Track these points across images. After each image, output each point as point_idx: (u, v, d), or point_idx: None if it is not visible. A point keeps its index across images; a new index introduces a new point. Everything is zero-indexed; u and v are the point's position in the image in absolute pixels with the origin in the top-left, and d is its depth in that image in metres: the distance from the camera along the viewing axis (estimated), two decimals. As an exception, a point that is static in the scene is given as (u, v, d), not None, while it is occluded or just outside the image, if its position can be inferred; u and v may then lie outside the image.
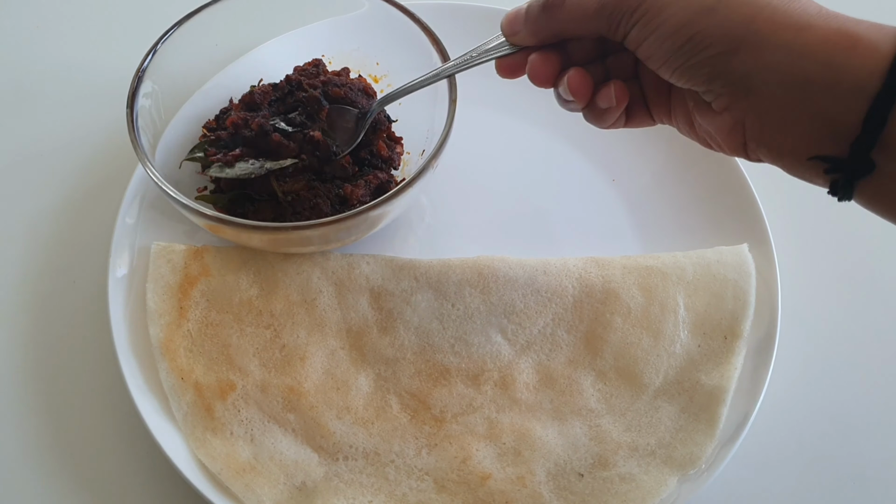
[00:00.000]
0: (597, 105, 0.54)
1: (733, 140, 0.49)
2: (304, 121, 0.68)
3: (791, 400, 0.66)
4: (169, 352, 0.63)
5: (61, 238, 0.74)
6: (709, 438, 0.60)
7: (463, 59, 0.58)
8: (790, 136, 0.45)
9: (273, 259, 0.67)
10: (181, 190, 0.62)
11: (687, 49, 0.46)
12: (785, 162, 0.47)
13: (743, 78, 0.45)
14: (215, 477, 0.59)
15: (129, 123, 0.63)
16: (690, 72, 0.47)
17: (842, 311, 0.71)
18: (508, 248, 0.70)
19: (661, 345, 0.64)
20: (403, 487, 0.60)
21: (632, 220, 0.73)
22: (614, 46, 0.53)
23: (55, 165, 0.78)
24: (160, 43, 0.66)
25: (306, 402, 0.62)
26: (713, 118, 0.50)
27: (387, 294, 0.66)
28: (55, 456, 0.63)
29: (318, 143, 0.66)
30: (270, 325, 0.65)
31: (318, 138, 0.66)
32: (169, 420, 0.61)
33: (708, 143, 0.53)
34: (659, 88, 0.54)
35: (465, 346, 0.65)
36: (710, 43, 0.45)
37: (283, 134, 0.66)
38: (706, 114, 0.50)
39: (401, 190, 0.61)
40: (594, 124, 0.56)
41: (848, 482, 0.63)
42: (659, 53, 0.48)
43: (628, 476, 0.59)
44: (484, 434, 0.62)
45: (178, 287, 0.66)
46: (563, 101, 0.56)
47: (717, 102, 0.48)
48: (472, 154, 0.75)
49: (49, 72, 0.85)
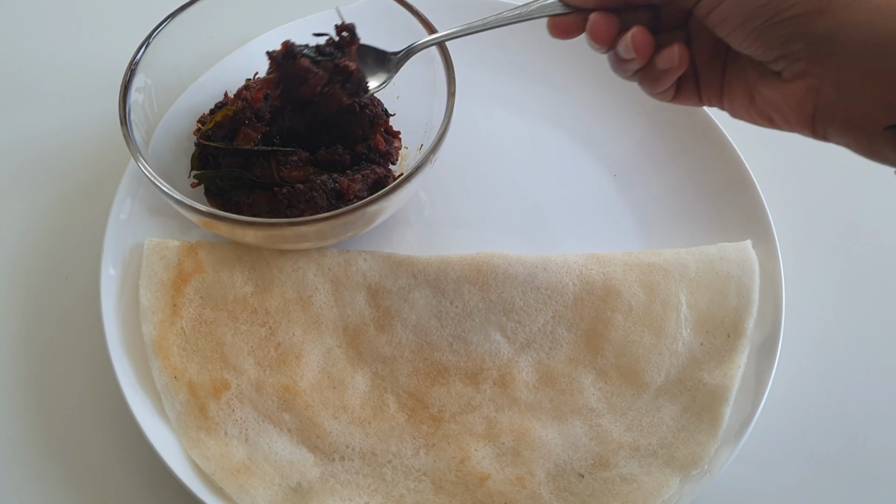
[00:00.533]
0: (656, 66, 0.53)
1: (802, 111, 0.48)
2: (334, 51, 0.64)
3: (795, 399, 0.65)
4: (162, 350, 0.62)
5: (53, 234, 0.73)
6: (711, 438, 0.59)
7: (513, 13, 0.57)
8: (868, 104, 0.44)
9: (268, 255, 0.66)
10: (174, 185, 0.61)
11: (770, 8, 0.45)
12: (857, 134, 0.46)
13: (826, 39, 0.44)
14: (209, 478, 0.58)
15: (121, 118, 0.62)
16: (768, 33, 0.46)
17: (846, 309, 0.70)
18: (508, 244, 0.69)
19: (662, 343, 0.63)
20: (401, 488, 0.59)
21: (633, 216, 0.72)
22: (669, 23, 0.53)
23: (47, 160, 0.77)
24: (153, 35, 0.65)
25: (302, 402, 0.61)
26: (782, 88, 0.48)
27: (384, 291, 0.65)
28: (46, 456, 0.63)
29: (349, 73, 0.63)
30: (265, 323, 0.64)
31: (352, 69, 0.63)
32: (162, 420, 0.60)
33: (770, 120, 0.52)
34: (713, 67, 0.53)
35: (464, 345, 0.64)
36: (797, 1, 0.44)
37: (311, 60, 0.63)
38: (773, 84, 0.49)
39: (399, 185, 0.60)
40: (646, 87, 0.55)
41: (853, 482, 0.62)
42: (736, 14, 0.47)
43: (629, 477, 0.58)
44: (483, 434, 0.61)
45: (172, 284, 0.65)
46: (620, 61, 0.54)
47: (790, 69, 0.47)
48: (471, 149, 0.74)
49: (40, 65, 0.84)
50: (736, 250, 0.67)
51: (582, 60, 0.75)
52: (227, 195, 0.66)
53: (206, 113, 0.71)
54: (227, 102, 0.70)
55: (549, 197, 0.73)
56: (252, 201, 0.65)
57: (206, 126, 0.68)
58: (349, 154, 0.68)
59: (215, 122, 0.68)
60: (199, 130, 0.69)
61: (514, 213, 0.72)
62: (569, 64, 0.77)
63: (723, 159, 0.71)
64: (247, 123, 0.66)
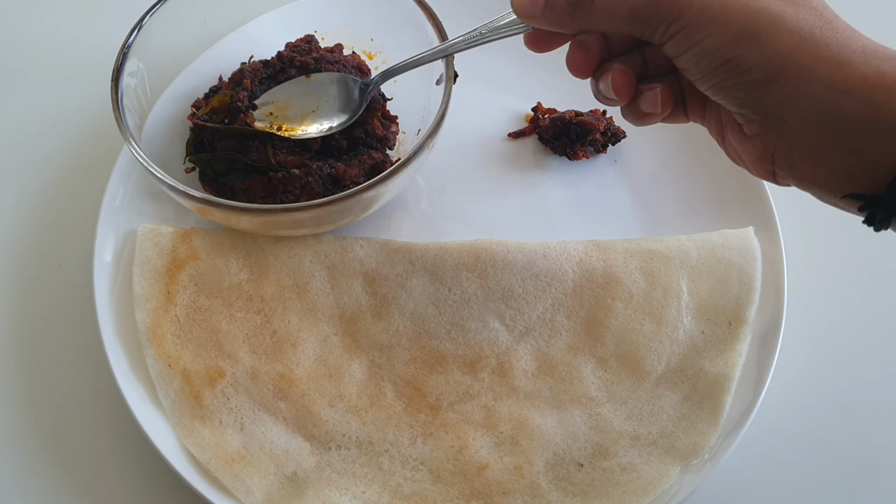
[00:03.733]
0: (639, 108, 0.53)
1: (762, 166, 0.49)
2: None
3: (797, 388, 0.64)
4: (156, 338, 0.61)
5: (46, 220, 0.72)
6: (712, 427, 0.59)
7: (472, 35, 0.56)
8: (823, 170, 0.45)
9: (264, 242, 0.65)
10: (168, 171, 0.60)
11: (723, 71, 0.46)
12: (817, 193, 0.47)
13: (777, 108, 0.45)
14: (204, 467, 0.57)
15: (113, 102, 0.61)
16: (725, 91, 0.46)
17: (849, 297, 0.69)
18: (507, 231, 0.68)
19: (663, 331, 0.63)
20: (398, 478, 0.58)
21: (634, 203, 0.71)
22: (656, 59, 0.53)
23: (39, 146, 0.76)
24: (146, 18, 0.64)
25: (298, 390, 0.60)
26: (744, 141, 0.49)
27: (381, 278, 0.65)
28: (38, 445, 0.62)
29: None
30: (261, 311, 0.63)
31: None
32: (156, 408, 0.60)
33: (735, 160, 0.53)
34: (697, 90, 0.53)
35: (462, 332, 0.63)
36: (748, 69, 0.45)
37: None
38: (737, 135, 0.50)
39: (396, 170, 0.59)
40: (632, 122, 0.55)
41: (854, 472, 0.62)
42: (695, 70, 0.47)
43: (629, 466, 0.58)
44: (481, 423, 0.60)
45: (166, 271, 0.64)
46: (602, 96, 0.55)
47: (748, 127, 0.48)
48: (469, 134, 0.73)
49: (32, 49, 0.83)
50: (738, 237, 0.66)
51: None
52: (222, 179, 0.65)
53: (201, 97, 0.70)
54: (221, 87, 0.69)
55: (549, 183, 0.72)
56: (247, 186, 0.64)
57: (202, 110, 0.67)
58: (346, 139, 0.67)
59: (211, 108, 0.67)
60: (194, 115, 0.68)
61: (514, 199, 0.71)
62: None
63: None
64: (245, 112, 0.65)
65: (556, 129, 0.72)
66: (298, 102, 0.67)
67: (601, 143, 0.72)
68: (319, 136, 0.65)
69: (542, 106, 0.74)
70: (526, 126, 0.74)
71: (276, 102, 0.67)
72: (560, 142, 0.72)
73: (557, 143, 0.72)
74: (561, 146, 0.72)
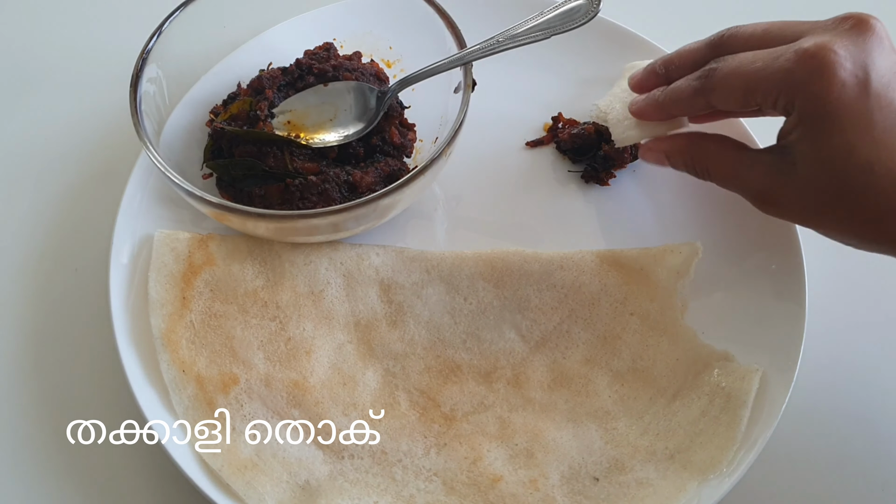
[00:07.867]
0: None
1: (770, 209, 0.60)
2: None
3: (817, 402, 0.64)
4: (170, 343, 0.61)
5: (63, 225, 0.72)
6: (730, 442, 0.58)
7: (490, 43, 0.57)
8: None
9: (280, 249, 0.65)
10: (186, 176, 0.60)
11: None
12: None
13: None
14: (216, 474, 0.57)
15: (132, 108, 0.62)
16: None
17: (870, 310, 0.68)
18: (524, 240, 0.67)
19: (680, 346, 0.62)
20: (411, 488, 0.57)
21: (653, 213, 0.70)
22: None
23: (58, 151, 0.77)
24: (165, 24, 0.65)
25: (311, 398, 0.60)
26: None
27: (397, 287, 0.64)
28: (53, 448, 0.62)
29: None
30: (276, 317, 0.63)
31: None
32: (169, 414, 0.60)
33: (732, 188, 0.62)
34: None
35: (478, 342, 0.63)
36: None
37: None
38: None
39: (412, 178, 0.59)
40: None
41: (876, 487, 0.61)
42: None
43: (646, 481, 0.57)
44: (495, 434, 0.59)
45: (182, 276, 0.64)
46: None
47: None
48: (486, 142, 0.73)
49: (52, 55, 0.84)
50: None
51: (600, 57, 0.74)
52: (239, 185, 0.65)
53: (219, 104, 0.70)
54: (239, 93, 0.69)
55: (567, 192, 0.72)
56: (264, 192, 0.64)
57: (221, 116, 0.68)
58: (363, 146, 0.67)
59: (230, 114, 0.67)
60: (212, 121, 0.68)
61: (531, 208, 0.71)
62: (588, 59, 0.75)
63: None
64: (263, 120, 0.65)
65: (576, 145, 0.71)
66: (315, 112, 0.67)
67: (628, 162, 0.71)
68: (337, 144, 0.65)
69: (563, 116, 0.74)
70: (544, 135, 0.74)
71: (294, 111, 0.67)
72: (581, 157, 0.71)
73: (579, 158, 0.71)
74: (587, 175, 0.71)
